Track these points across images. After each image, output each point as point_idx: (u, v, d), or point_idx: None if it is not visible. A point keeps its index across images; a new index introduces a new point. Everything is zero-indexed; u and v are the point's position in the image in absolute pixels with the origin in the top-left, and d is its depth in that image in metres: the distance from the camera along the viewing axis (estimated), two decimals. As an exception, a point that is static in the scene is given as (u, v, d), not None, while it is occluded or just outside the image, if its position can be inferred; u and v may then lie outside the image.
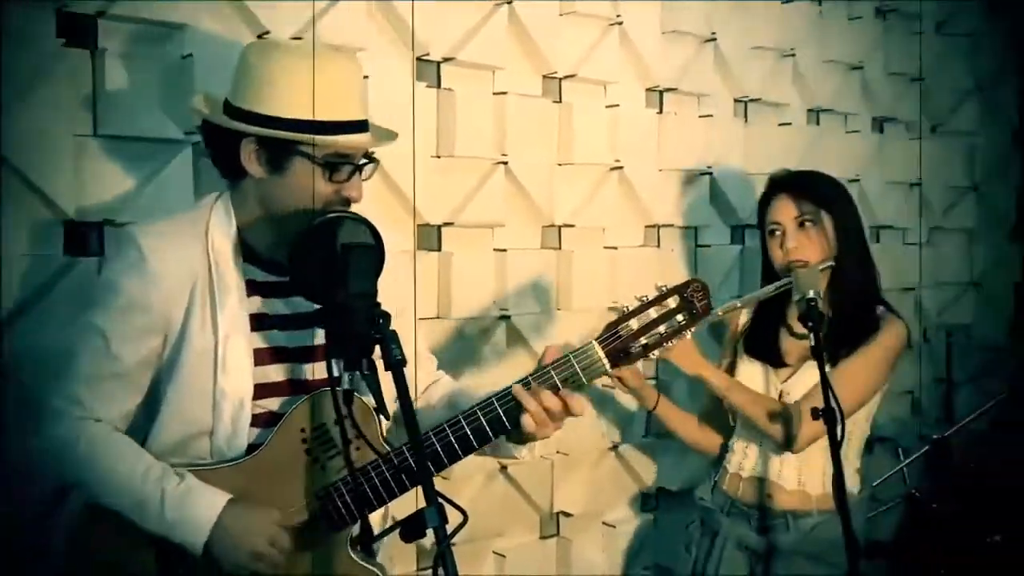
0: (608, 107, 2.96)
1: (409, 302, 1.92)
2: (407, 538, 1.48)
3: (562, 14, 2.81)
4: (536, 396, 1.68)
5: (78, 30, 2.04)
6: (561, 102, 2.87)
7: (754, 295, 2.34)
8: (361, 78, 1.78)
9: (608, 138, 2.95)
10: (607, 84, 2.97)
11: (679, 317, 1.72)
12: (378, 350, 1.52)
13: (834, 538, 1.95)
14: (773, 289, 2.28)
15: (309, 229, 1.61)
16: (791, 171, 2.46)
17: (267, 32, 2.24)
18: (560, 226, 2.88)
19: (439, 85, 2.61)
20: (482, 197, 2.66)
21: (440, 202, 2.59)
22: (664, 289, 1.74)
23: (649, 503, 3.18)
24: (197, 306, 1.69)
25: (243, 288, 1.74)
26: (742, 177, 3.28)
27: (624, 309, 1.74)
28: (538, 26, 2.74)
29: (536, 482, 2.83)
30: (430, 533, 1.43)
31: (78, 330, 1.71)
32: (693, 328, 1.73)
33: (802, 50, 3.48)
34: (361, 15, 2.40)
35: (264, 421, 1.74)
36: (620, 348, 1.71)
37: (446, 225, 2.63)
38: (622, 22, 2.92)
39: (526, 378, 1.71)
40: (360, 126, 1.72)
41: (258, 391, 1.73)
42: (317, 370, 1.79)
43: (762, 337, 2.43)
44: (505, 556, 2.77)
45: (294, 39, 2.28)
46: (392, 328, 1.53)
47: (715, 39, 3.20)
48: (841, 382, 2.08)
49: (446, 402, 1.94)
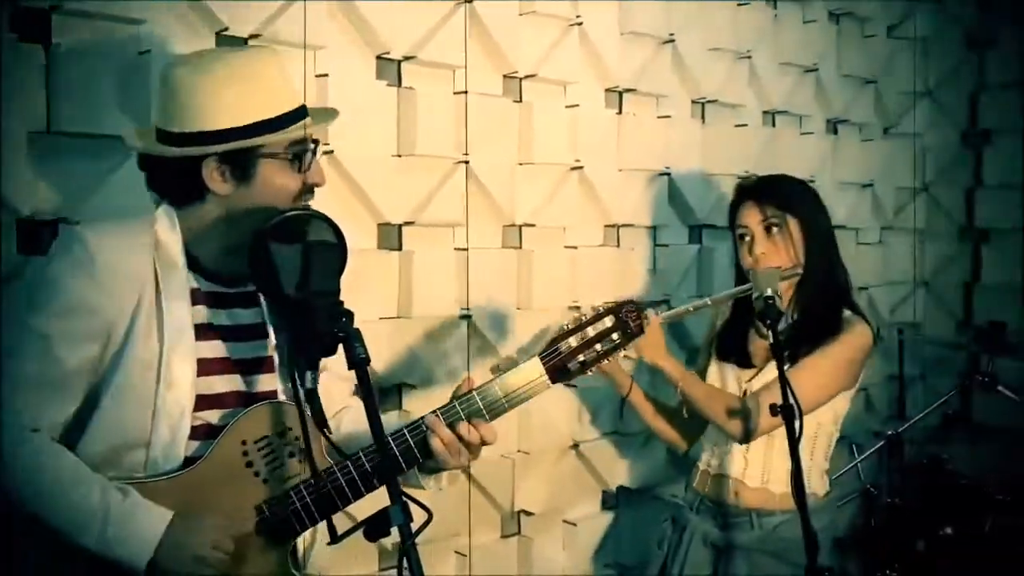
0: (568, 107, 2.97)
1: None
2: (372, 537, 1.47)
3: (522, 14, 2.81)
4: (447, 427, 1.73)
5: (32, 25, 2.00)
6: (522, 102, 2.87)
7: (722, 295, 2.37)
8: (285, 67, 1.77)
9: (568, 138, 2.96)
10: (567, 84, 2.99)
11: (614, 336, 1.87)
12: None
13: (796, 536, 1.98)
14: (738, 291, 2.31)
15: (270, 227, 1.58)
16: (759, 176, 2.49)
17: (226, 29, 2.22)
18: (521, 225, 2.89)
19: (400, 84, 2.61)
20: (443, 196, 2.66)
21: (401, 201, 2.59)
22: (600, 309, 1.88)
23: (610, 501, 3.20)
24: (143, 312, 1.63)
25: (188, 296, 1.69)
26: (700, 177, 3.31)
27: (564, 327, 1.86)
28: (498, 26, 2.74)
29: (497, 481, 2.83)
30: (394, 532, 1.43)
31: (18, 331, 1.61)
32: (628, 346, 1.89)
33: (758, 52, 3.53)
34: (322, 13, 2.38)
35: (203, 433, 1.68)
36: (560, 365, 1.83)
37: (407, 224, 2.63)
38: (582, 22, 2.94)
39: (434, 411, 1.76)
40: (304, 111, 1.73)
41: (199, 402, 1.67)
42: (261, 382, 1.76)
43: (732, 339, 2.46)
44: (466, 555, 2.77)
45: (252, 36, 2.26)
46: (355, 326, 1.52)
47: (673, 40, 3.22)
48: (800, 380, 2.10)
49: (351, 430, 1.90)
